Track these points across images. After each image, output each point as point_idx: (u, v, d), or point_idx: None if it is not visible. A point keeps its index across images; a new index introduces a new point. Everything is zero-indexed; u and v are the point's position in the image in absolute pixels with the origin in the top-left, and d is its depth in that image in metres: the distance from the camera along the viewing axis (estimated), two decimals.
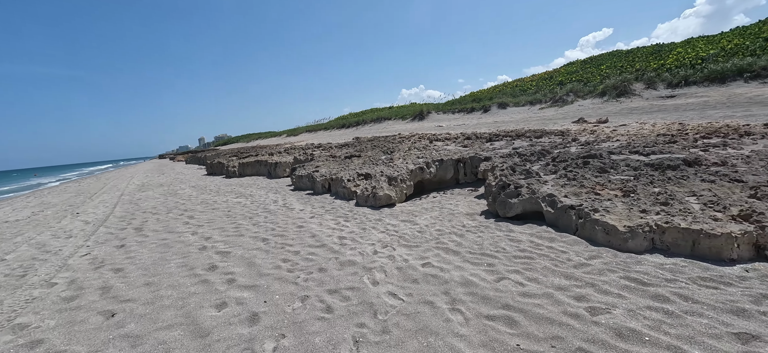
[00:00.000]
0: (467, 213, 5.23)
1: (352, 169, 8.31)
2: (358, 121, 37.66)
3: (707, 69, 18.93)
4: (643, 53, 24.86)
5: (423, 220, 5.04)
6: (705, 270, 2.84)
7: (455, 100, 32.66)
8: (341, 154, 11.69)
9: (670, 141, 6.84)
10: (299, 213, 6.21)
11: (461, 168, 7.95)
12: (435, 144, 11.08)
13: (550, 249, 3.49)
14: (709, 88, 18.11)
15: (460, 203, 6.04)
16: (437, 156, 8.35)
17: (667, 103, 17.12)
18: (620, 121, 12.69)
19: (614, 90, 20.70)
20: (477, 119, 23.14)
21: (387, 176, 6.93)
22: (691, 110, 13.69)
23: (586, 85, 22.82)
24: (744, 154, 5.30)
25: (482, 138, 10.71)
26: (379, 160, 9.17)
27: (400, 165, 7.82)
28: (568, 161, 5.92)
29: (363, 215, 5.67)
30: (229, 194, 9.46)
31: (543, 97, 23.88)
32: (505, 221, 4.63)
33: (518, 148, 8.11)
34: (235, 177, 13.90)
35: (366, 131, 29.58)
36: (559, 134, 9.94)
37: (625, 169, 5.16)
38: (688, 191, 4.03)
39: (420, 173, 7.50)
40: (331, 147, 14.68)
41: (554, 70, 29.84)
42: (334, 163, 9.92)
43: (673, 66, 20.99)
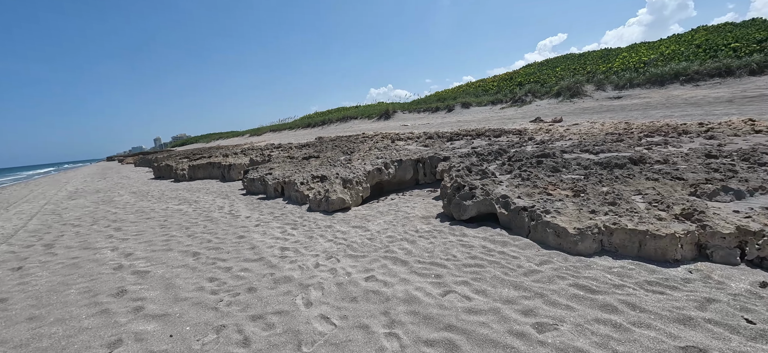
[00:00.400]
0: (423, 217, 4.99)
1: (307, 171, 7.84)
2: (324, 121, 36.84)
3: (649, 72, 20.37)
4: (594, 57, 26.39)
5: (375, 226, 4.73)
6: (651, 272, 2.76)
7: (421, 100, 32.88)
8: (300, 154, 11.13)
9: (617, 139, 7.07)
10: (244, 222, 5.67)
11: (421, 168, 7.76)
12: (397, 143, 10.86)
13: (501, 255, 3.30)
14: (651, 89, 19.49)
15: (417, 205, 5.81)
16: (397, 156, 8.10)
17: (614, 104, 18.20)
18: (573, 120, 13.21)
19: (568, 91, 21.73)
20: (441, 118, 23.36)
21: (342, 178, 6.55)
22: (636, 110, 14.57)
23: (543, 86, 23.80)
24: (683, 152, 5.52)
25: (443, 137, 10.65)
26: (337, 161, 8.77)
27: (357, 166, 7.48)
28: (523, 160, 5.88)
29: (313, 221, 5.26)
30: (172, 200, 8.61)
31: (504, 97, 24.61)
32: (460, 224, 4.44)
33: (477, 147, 8.07)
34: (184, 182, 12.84)
35: (331, 131, 28.93)
36: (517, 133, 10.09)
37: (577, 167, 5.18)
38: (634, 190, 4.04)
39: (378, 174, 7.20)
40: (291, 147, 14.02)
41: (514, 71, 30.94)
42: (291, 164, 9.38)
43: (619, 69, 22.41)
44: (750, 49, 18.76)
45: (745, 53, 18.65)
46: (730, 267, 2.75)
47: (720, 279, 2.59)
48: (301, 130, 38.34)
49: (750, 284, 2.49)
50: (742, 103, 12.45)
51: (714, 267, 2.77)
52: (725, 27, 23.70)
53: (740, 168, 4.36)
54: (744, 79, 17.30)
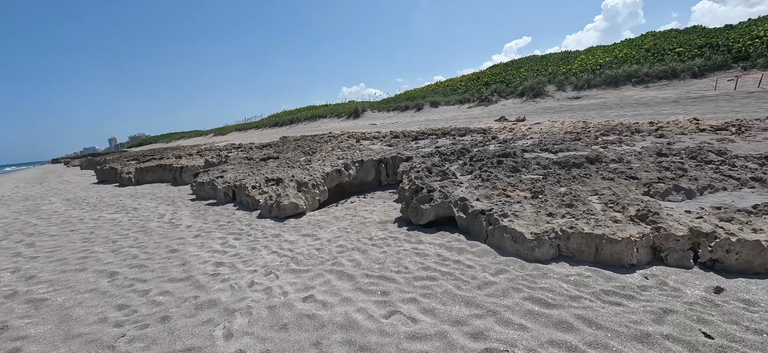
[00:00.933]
0: (380, 222, 4.68)
1: (262, 174, 7.29)
2: (292, 119, 35.76)
3: (604, 74, 21.39)
4: (555, 58, 27.47)
5: (328, 233, 4.35)
6: (608, 280, 2.60)
7: (391, 99, 32.74)
8: (259, 155, 10.48)
9: (575, 138, 7.15)
10: (183, 232, 5.08)
11: (383, 169, 7.45)
12: (361, 143, 10.50)
13: (456, 265, 3.05)
14: (606, 90, 20.46)
15: (377, 209, 5.49)
16: (359, 156, 7.75)
17: (573, 104, 18.92)
18: (536, 119, 13.49)
19: (531, 91, 22.39)
20: (410, 117, 23.29)
21: (297, 181, 6.10)
22: (593, 110, 15.15)
23: (508, 86, 24.39)
24: (636, 151, 5.60)
25: (409, 136, 10.43)
26: (296, 162, 8.27)
27: (316, 167, 7.05)
28: (484, 160, 5.73)
29: (261, 230, 4.79)
30: (109, 208, 7.72)
31: (471, 97, 24.98)
32: (418, 229, 4.16)
33: (441, 146, 7.89)
34: (130, 186, 11.72)
35: (299, 130, 28.05)
36: (482, 132, 10.07)
37: (536, 167, 5.08)
38: (591, 190, 3.96)
39: (337, 176, 6.81)
40: (251, 147, 13.25)
41: (481, 71, 31.56)
42: (246, 166, 8.75)
43: (578, 70, 23.39)
44: (692, 54, 20.19)
45: (688, 57, 20.04)
46: (684, 271, 2.66)
47: (675, 285, 2.47)
48: (268, 129, 36.97)
49: (705, 290, 2.38)
50: (686, 103, 13.27)
51: (669, 271, 2.66)
52: (671, 33, 25.46)
53: (689, 166, 4.42)
54: (687, 81, 18.56)
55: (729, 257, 2.63)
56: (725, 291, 2.35)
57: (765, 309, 2.11)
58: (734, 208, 3.05)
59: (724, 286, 2.40)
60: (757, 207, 3.04)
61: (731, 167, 4.26)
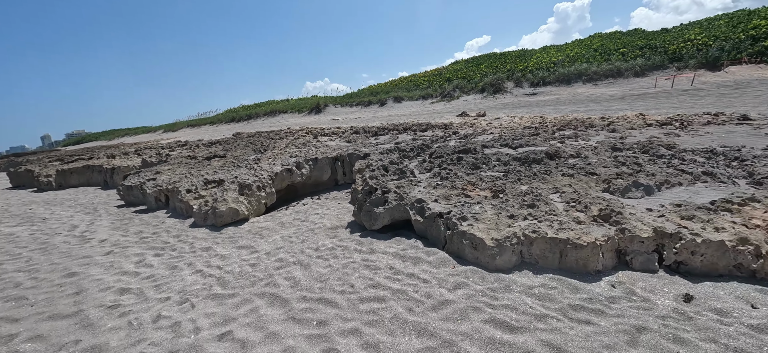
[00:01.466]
0: (331, 228, 4.18)
1: (202, 175, 6.46)
2: (250, 115, 33.90)
3: (558, 72, 22.32)
4: (513, 56, 28.35)
5: (269, 244, 3.79)
6: (574, 291, 2.34)
7: (354, 94, 32.08)
8: (204, 154, 9.48)
9: (534, 133, 7.10)
10: (93, 248, 4.24)
11: (339, 167, 6.94)
12: (319, 139, 9.89)
13: (410, 280, 2.65)
14: (560, 87, 21.35)
15: (329, 212, 4.98)
16: (314, 154, 7.16)
17: (530, 99, 19.53)
18: (496, 114, 13.62)
19: (491, 87, 22.85)
20: (373, 112, 22.86)
21: (240, 183, 5.42)
22: (548, 105, 15.63)
23: (469, 82, 24.75)
24: (592, 145, 5.58)
25: (369, 132, 9.98)
26: (244, 161, 7.51)
27: (264, 167, 6.37)
28: (444, 156, 5.42)
29: (190, 242, 4.10)
30: (10, 220, 6.49)
31: (434, 92, 25.05)
32: (372, 236, 3.73)
33: (401, 142, 7.52)
34: (50, 191, 10.17)
35: (257, 126, 26.55)
36: (443, 127, 9.86)
37: (496, 163, 4.85)
38: (552, 188, 3.75)
39: (288, 176, 6.19)
40: (198, 145, 12.08)
41: (444, 67, 31.83)
42: (186, 166, 7.81)
43: (534, 68, 24.25)
44: (634, 54, 21.61)
45: (631, 57, 21.42)
46: (650, 276, 2.46)
47: (644, 294, 2.25)
48: (223, 125, 34.75)
49: (674, 298, 2.18)
50: (631, 99, 14.04)
51: (635, 277, 2.45)
52: (615, 35, 27.19)
53: (643, 160, 4.39)
54: (631, 80, 19.80)
55: (694, 259, 2.47)
56: (695, 299, 2.16)
57: (739, 320, 1.91)
58: (694, 205, 2.93)
59: (693, 293, 2.21)
60: (714, 204, 2.94)
61: (681, 161, 4.28)
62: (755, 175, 3.64)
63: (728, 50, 17.70)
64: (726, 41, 18.48)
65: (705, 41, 19.48)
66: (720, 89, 13.45)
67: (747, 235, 2.42)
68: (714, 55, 17.78)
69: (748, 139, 5.27)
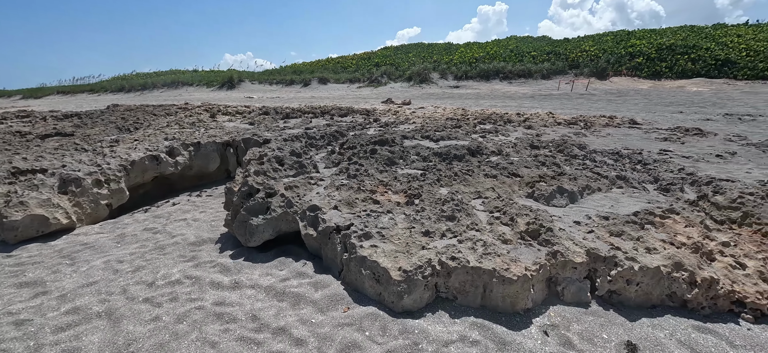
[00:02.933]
0: (193, 243, 3.01)
1: (13, 161, 4.48)
2: (146, 85, 28.50)
3: (479, 67, 23.32)
4: (439, 48, 28.93)
5: (77, 276, 2.47)
6: (502, 346, 1.70)
7: (276, 70, 29.29)
8: (44, 129, 7.02)
9: (456, 125, 6.72)
10: None
11: (232, 155, 5.60)
12: (217, 119, 8.19)
13: (277, 340, 1.73)
14: (480, 82, 22.33)
15: (203, 216, 3.75)
16: (197, 137, 5.66)
17: (454, 92, 19.99)
18: (420, 103, 13.34)
19: (418, 76, 22.86)
20: (295, 93, 20.97)
21: (63, 177, 3.77)
22: (470, 98, 16.01)
23: (397, 70, 24.43)
24: (511, 142, 5.34)
25: (280, 114, 8.62)
26: (97, 143, 5.60)
27: (119, 153, 4.70)
28: (356, 148, 4.57)
29: None
30: None
31: (362, 77, 24.13)
32: (248, 255, 2.70)
33: (312, 128, 6.45)
34: None
35: (153, 98, 22.29)
36: (365, 113, 9.04)
37: (415, 158, 4.18)
38: (474, 192, 3.18)
39: (153, 165, 4.67)
40: (45, 117, 9.12)
41: (373, 51, 31.05)
42: (2, 146, 5.52)
43: (458, 62, 25.00)
44: (542, 58, 23.68)
45: (539, 60, 23.42)
46: (583, 312, 1.98)
47: (582, 345, 1.72)
48: (109, 94, 28.58)
49: (616, 348, 1.69)
50: (539, 99, 15.12)
51: (569, 317, 1.94)
52: (528, 39, 29.63)
53: (560, 160, 4.17)
54: (539, 81, 21.60)
55: (629, 289, 2.06)
56: (639, 350, 1.70)
57: None
58: (621, 219, 2.60)
59: (635, 340, 1.76)
60: (638, 216, 2.65)
61: (594, 163, 4.16)
62: (660, 180, 3.59)
63: (613, 63, 20.50)
64: (611, 55, 21.38)
65: (596, 53, 22.29)
66: (608, 95, 15.33)
67: (681, 259, 2.09)
68: (602, 65, 20.41)
69: (643, 142, 5.57)
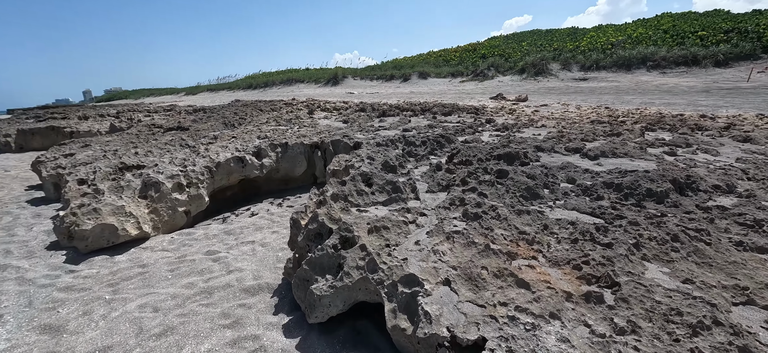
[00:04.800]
0: (246, 290, 2.21)
1: (125, 155, 4.62)
2: (267, 82, 32.30)
3: (616, 55, 18.86)
4: (561, 34, 24.66)
5: (97, 332, 1.87)
6: None
7: (377, 66, 29.56)
8: (172, 123, 7.72)
9: (611, 132, 4.69)
10: None
11: (319, 158, 4.92)
12: (314, 115, 7.88)
13: None
14: (618, 73, 18.00)
15: (273, 238, 3.01)
16: (290, 136, 5.16)
17: (581, 85, 16.45)
18: (540, 100, 11.01)
19: (533, 68, 19.76)
20: (393, 88, 20.45)
21: (145, 180, 3.51)
22: (607, 94, 12.71)
23: (507, 61, 21.66)
24: (730, 164, 3.23)
25: (376, 111, 7.82)
26: (201, 138, 5.63)
27: (210, 152, 4.44)
28: (473, 164, 3.24)
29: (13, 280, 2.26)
30: None
31: (465, 70, 22.18)
32: (303, 336, 1.73)
33: (411, 130, 5.36)
34: (10, 152, 8.87)
35: (270, 94, 24.85)
36: (473, 112, 7.54)
37: (570, 189, 2.63)
38: (731, 287, 1.55)
39: (239, 167, 4.25)
40: (180, 112, 10.40)
41: (479, 43, 28.56)
42: (127, 139, 6.03)
43: (586, 49, 20.80)
44: (716, 39, 17.76)
45: (711, 42, 17.63)
46: None
47: None
48: (241, 91, 33.41)
49: None
50: (720, 94, 10.92)
51: None
52: (690, 15, 22.89)
53: None
54: (709, 70, 16.22)
55: None
56: None
57: None
58: None
59: None
60: None
61: None
62: None
63: None
64: None
65: None
66: None
67: None
68: None
69: None
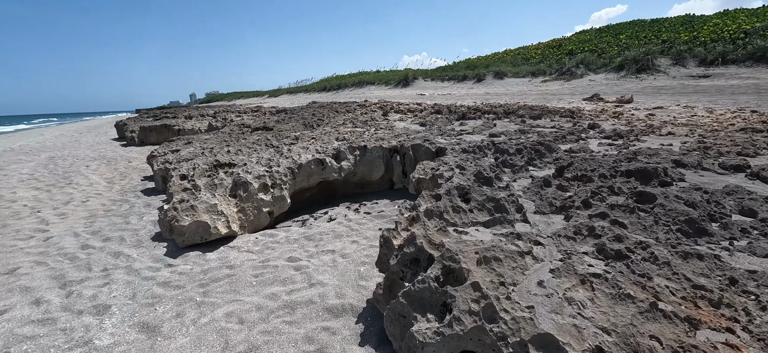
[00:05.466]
0: (329, 309, 2.02)
1: (218, 153, 4.95)
2: (340, 85, 33.69)
3: (752, 45, 15.28)
4: (672, 24, 20.91)
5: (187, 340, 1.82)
6: None
7: (448, 67, 28.71)
8: (258, 123, 8.27)
9: None
10: (33, 237, 2.96)
11: (398, 163, 4.65)
12: (389, 117, 7.73)
13: None
14: (755, 68, 14.55)
15: (353, 248, 2.81)
16: (368, 139, 5.02)
17: (702, 84, 13.63)
18: (648, 101, 9.30)
19: (634, 64, 17.07)
20: (466, 89, 19.50)
21: (235, 179, 3.61)
22: (743, 93, 10.24)
23: (600, 57, 19.10)
24: None
25: (454, 113, 7.34)
26: (283, 138, 5.83)
27: (293, 153, 4.49)
28: (593, 180, 2.62)
29: (128, 271, 2.43)
30: (49, 178, 6.14)
31: (548, 68, 20.16)
32: None
33: (499, 135, 4.79)
34: (134, 146, 10.50)
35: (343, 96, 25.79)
36: (567, 115, 6.58)
37: (752, 227, 1.89)
38: None
39: (319, 170, 4.21)
40: (265, 112, 11.20)
41: (564, 37, 25.82)
42: (221, 137, 6.54)
43: (708, 40, 17.28)
44: None
45: None
46: None
47: None
48: (316, 93, 35.47)
49: None
50: None
51: None
52: None
53: None
54: None
55: None
56: None
57: None
58: None
59: None
60: None
61: None
62: None
63: None
64: None
65: None
66: None
67: None
68: None
69: None
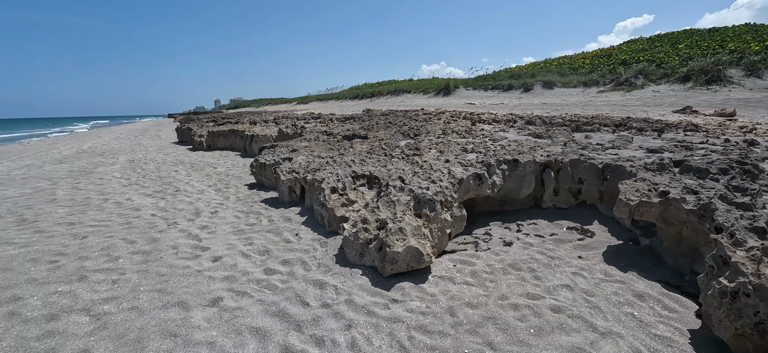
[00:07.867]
0: None
1: (347, 163, 4.63)
2: (374, 93, 33.56)
3: None
4: (737, 32, 19.74)
5: None
6: None
7: (487, 76, 28.13)
8: (341, 131, 7.99)
9: None
10: (202, 272, 2.66)
11: (551, 179, 4.20)
12: (480, 127, 7.30)
13: None
14: None
15: (571, 266, 2.36)
16: (499, 152, 4.60)
17: None
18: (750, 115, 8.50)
19: (703, 75, 16.07)
20: (517, 99, 18.87)
21: (416, 195, 3.24)
22: None
23: (660, 67, 18.15)
24: None
25: (554, 124, 6.84)
26: (395, 147, 5.48)
27: (436, 166, 4.11)
28: None
29: (339, 304, 2.07)
30: (152, 183, 5.99)
31: (600, 78, 19.33)
32: None
33: (659, 150, 4.27)
34: (202, 150, 10.46)
35: (381, 104, 25.59)
36: (691, 128, 5.98)
37: None
38: None
39: (476, 185, 3.80)
40: (331, 119, 10.97)
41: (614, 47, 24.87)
42: (324, 145, 6.26)
43: None
44: None
45: None
46: None
47: None
48: (348, 101, 35.51)
49: None
50: None
51: None
52: None
53: None
54: None
55: None
56: None
57: None
58: None
59: None
60: None
61: None
62: None
63: None
64: None
65: None
66: None
67: None
68: None
69: None
